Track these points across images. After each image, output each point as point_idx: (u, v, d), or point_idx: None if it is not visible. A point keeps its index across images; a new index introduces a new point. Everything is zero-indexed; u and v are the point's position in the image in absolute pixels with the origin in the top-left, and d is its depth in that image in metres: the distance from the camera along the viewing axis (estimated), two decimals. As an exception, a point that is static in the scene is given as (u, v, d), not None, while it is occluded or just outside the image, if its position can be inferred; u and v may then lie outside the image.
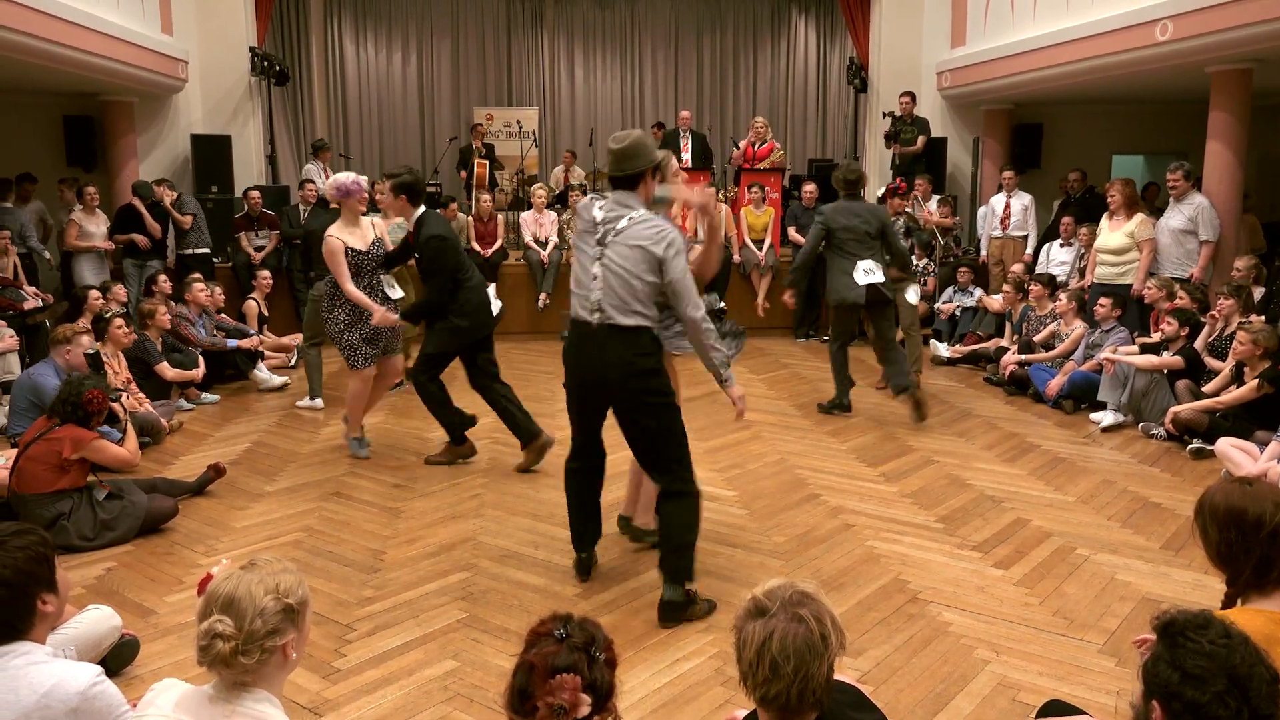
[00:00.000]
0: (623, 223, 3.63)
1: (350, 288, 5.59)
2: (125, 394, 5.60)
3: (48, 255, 9.17)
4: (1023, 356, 7.82)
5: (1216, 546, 2.35)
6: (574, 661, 1.77)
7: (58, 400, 4.63)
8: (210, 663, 1.95)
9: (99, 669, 2.41)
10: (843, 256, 6.79)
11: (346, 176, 5.77)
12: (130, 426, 5.23)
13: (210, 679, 2.04)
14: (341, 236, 5.60)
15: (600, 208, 3.72)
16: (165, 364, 7.05)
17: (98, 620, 3.21)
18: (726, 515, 4.91)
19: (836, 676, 2.03)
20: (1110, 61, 8.63)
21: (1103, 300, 7.38)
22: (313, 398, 7.36)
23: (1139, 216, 7.97)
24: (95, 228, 9.12)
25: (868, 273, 6.74)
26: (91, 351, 5.98)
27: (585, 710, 1.75)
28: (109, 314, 6.52)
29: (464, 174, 12.00)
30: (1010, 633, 3.65)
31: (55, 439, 4.50)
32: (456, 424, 5.84)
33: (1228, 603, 2.37)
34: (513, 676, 1.81)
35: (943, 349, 9.17)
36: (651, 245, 3.58)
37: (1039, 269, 9.15)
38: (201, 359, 7.52)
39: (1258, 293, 7.33)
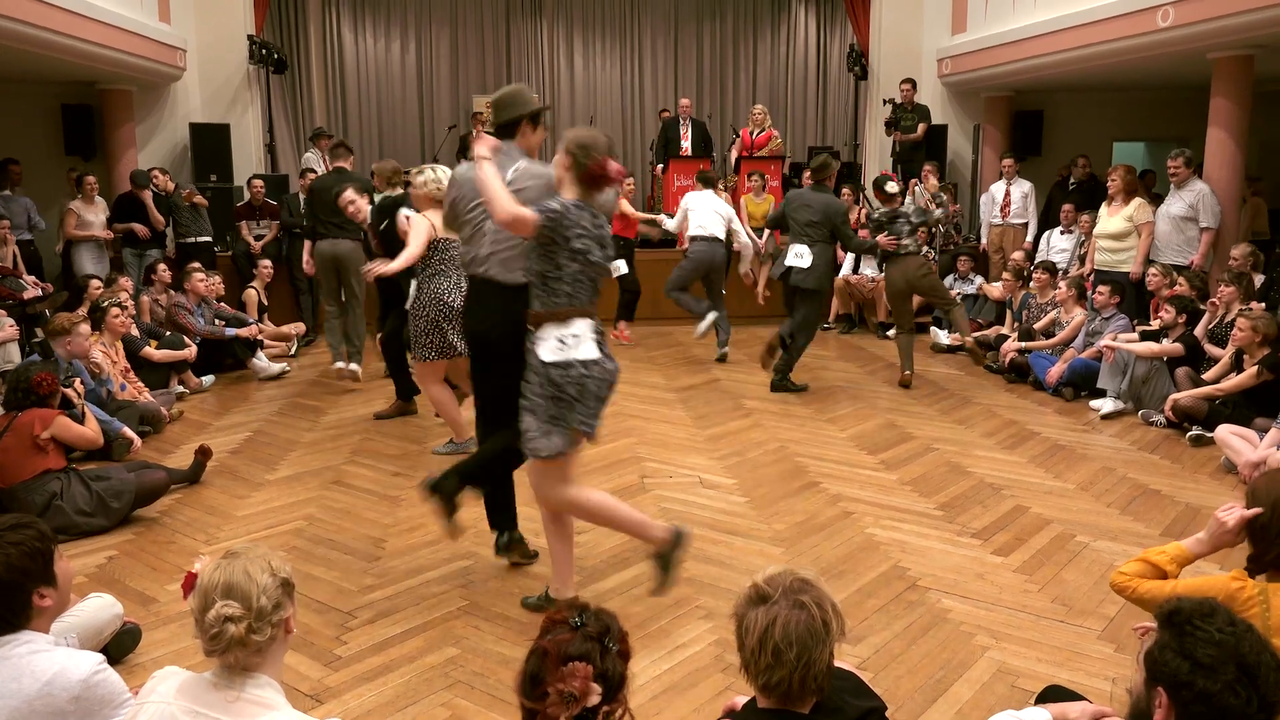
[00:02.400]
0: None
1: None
2: (79, 379, 5.57)
3: (43, 225, 9.15)
4: (1023, 344, 7.82)
5: (1255, 522, 2.42)
6: (587, 650, 1.78)
7: (8, 391, 4.72)
8: (223, 648, 1.97)
9: (101, 657, 2.41)
10: (792, 238, 7.34)
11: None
12: (89, 410, 5.19)
13: (212, 667, 2.05)
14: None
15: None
16: (149, 348, 7.04)
17: (99, 608, 3.22)
18: (726, 503, 4.91)
19: (836, 663, 2.04)
20: (1111, 48, 8.61)
21: (1101, 288, 7.38)
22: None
23: (1137, 200, 7.99)
24: (94, 217, 9.11)
25: (797, 256, 7.18)
26: (40, 340, 5.99)
27: (595, 699, 1.76)
28: (105, 303, 6.51)
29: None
30: (1009, 619, 3.66)
31: (22, 423, 4.55)
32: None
33: (1250, 570, 2.45)
34: (526, 661, 1.83)
35: (943, 337, 9.17)
36: None
37: (1039, 257, 9.15)
38: (186, 338, 7.51)
39: (1258, 280, 7.32)
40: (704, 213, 8.71)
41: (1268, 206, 10.54)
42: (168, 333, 7.54)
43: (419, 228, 5.40)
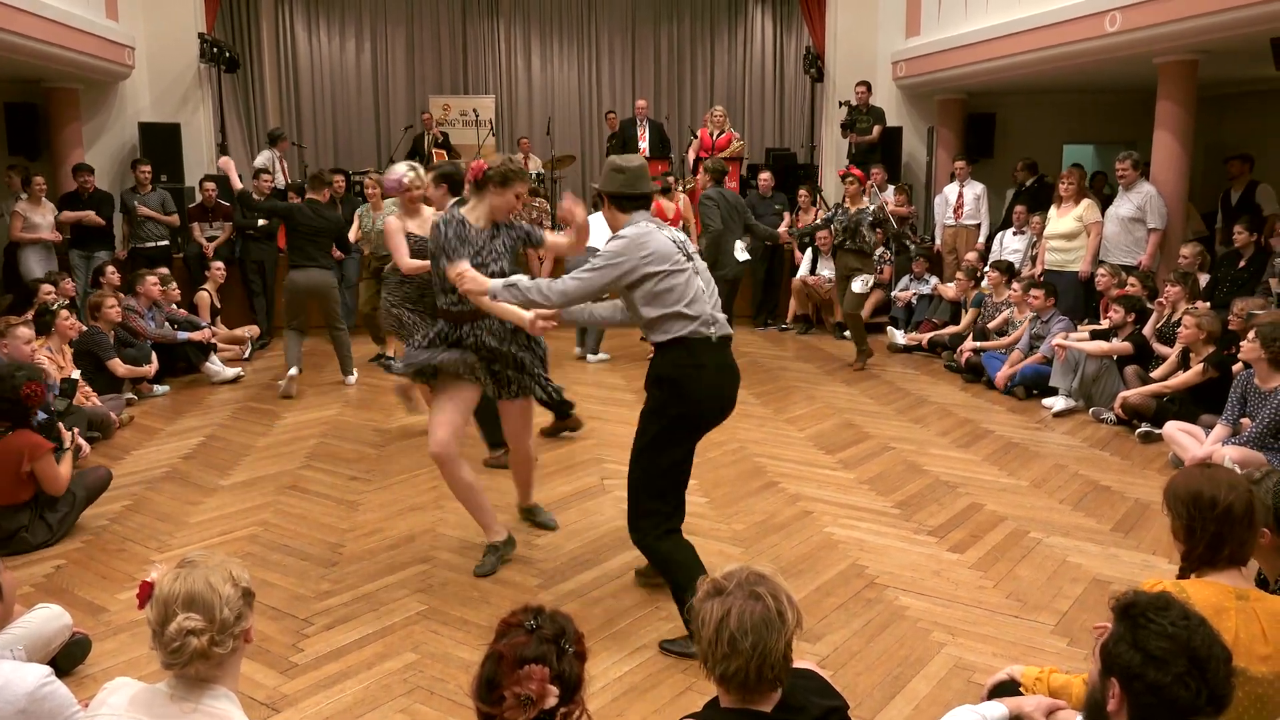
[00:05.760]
0: (681, 236, 3.54)
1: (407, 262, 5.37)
2: (77, 429, 5.32)
3: None
4: (976, 344, 7.93)
5: (1175, 524, 2.44)
6: (543, 653, 1.78)
7: None
8: (185, 661, 1.93)
9: (48, 669, 2.37)
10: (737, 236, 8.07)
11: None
12: (68, 456, 4.75)
13: (164, 677, 2.01)
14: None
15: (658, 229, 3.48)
16: (117, 360, 6.92)
17: (47, 619, 3.14)
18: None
19: (800, 663, 2.05)
20: (1061, 52, 8.77)
21: (1034, 293, 7.49)
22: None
23: (1086, 201, 8.18)
24: (41, 218, 8.87)
25: (744, 250, 7.91)
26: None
27: (552, 701, 1.76)
28: (54, 306, 6.36)
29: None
30: (965, 615, 3.71)
31: (11, 449, 4.28)
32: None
33: (1182, 575, 2.45)
34: (481, 666, 1.82)
35: (899, 336, 9.27)
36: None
37: (992, 257, 9.29)
38: (154, 355, 7.39)
39: (1203, 279, 7.49)
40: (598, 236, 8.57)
41: (1209, 209, 10.76)
42: (137, 340, 7.40)
43: None
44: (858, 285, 7.98)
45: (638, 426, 3.49)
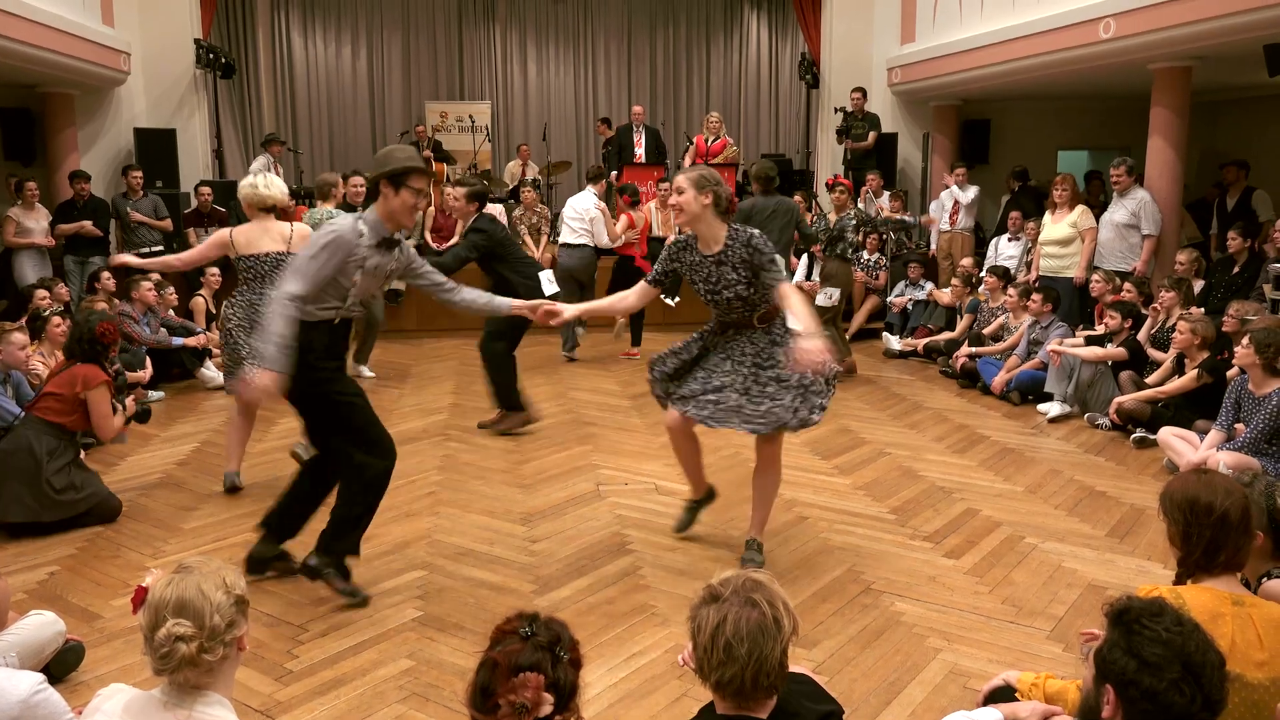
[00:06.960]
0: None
1: None
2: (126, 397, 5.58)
3: None
4: (972, 350, 7.94)
5: (1172, 529, 2.44)
6: (538, 660, 1.77)
7: (71, 340, 4.87)
8: (174, 668, 1.92)
9: (41, 676, 2.36)
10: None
11: None
12: (121, 414, 5.16)
13: (159, 684, 2.00)
14: None
15: None
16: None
17: (40, 626, 3.13)
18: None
19: (793, 668, 2.05)
20: (1055, 59, 8.80)
21: (1034, 296, 7.51)
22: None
23: (1080, 207, 8.20)
24: (34, 223, 8.87)
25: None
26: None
27: (547, 709, 1.75)
28: (46, 312, 6.36)
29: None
30: (961, 621, 3.71)
31: (75, 374, 4.72)
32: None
33: (1178, 580, 2.45)
34: (475, 673, 1.81)
35: (894, 342, 9.28)
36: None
37: (987, 263, 9.30)
38: (148, 360, 7.38)
39: (1198, 285, 7.51)
40: (567, 218, 8.41)
41: (1187, 200, 10.76)
42: (131, 345, 7.39)
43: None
44: (821, 299, 7.74)
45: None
